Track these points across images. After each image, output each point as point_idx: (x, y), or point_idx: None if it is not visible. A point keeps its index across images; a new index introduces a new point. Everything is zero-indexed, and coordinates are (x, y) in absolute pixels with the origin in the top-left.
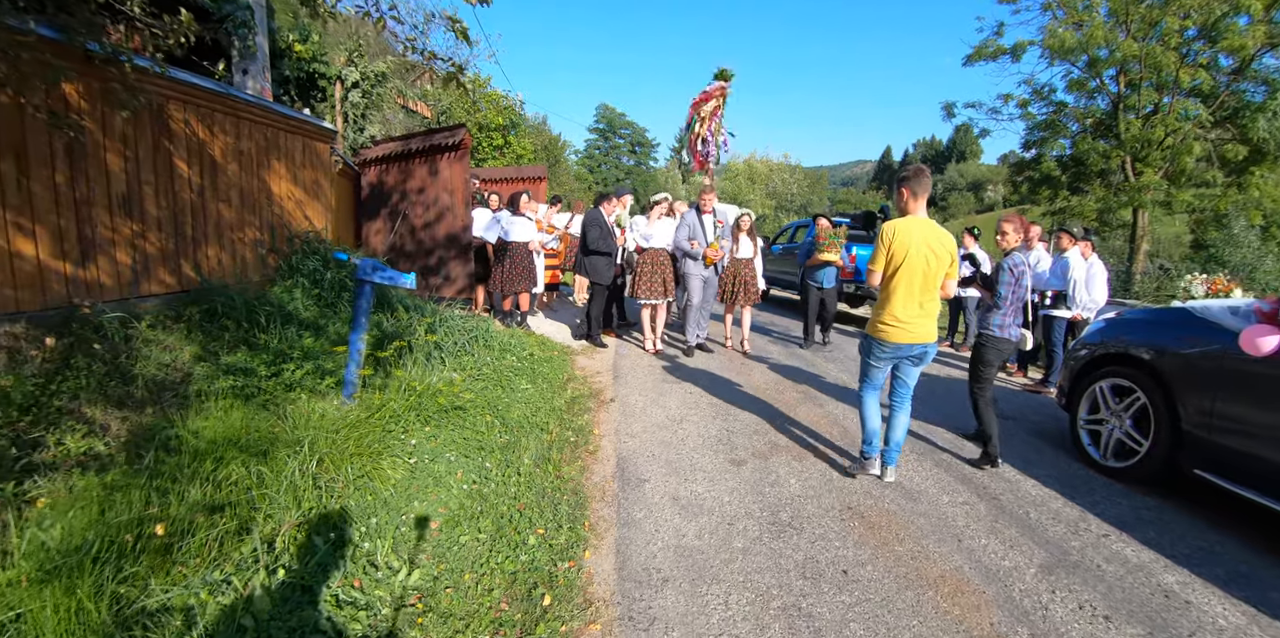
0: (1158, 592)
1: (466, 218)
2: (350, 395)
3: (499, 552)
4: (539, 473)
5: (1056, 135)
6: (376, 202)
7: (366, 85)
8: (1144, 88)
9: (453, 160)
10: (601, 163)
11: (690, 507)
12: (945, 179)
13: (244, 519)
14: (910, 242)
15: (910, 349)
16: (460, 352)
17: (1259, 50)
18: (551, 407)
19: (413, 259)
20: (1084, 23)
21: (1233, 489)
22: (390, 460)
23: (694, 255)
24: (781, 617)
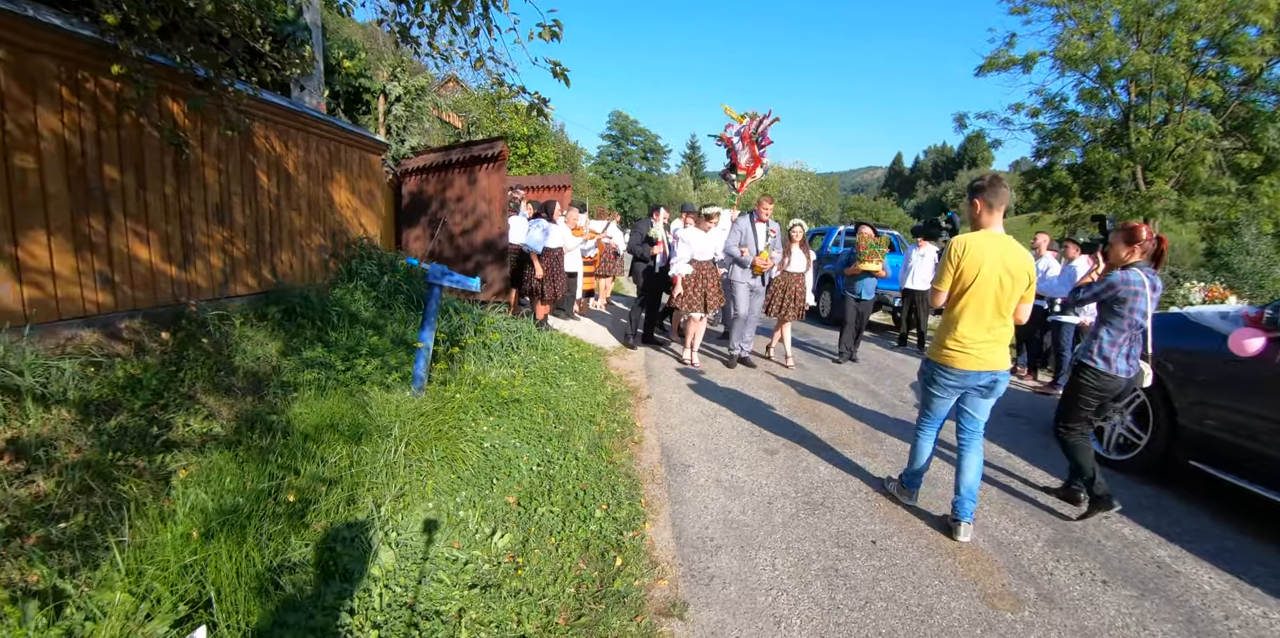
0: (1151, 563)
1: (503, 225)
2: (420, 388)
3: (571, 522)
4: (593, 459)
5: (1068, 144)
6: (416, 209)
7: (408, 99)
8: (1155, 98)
9: (491, 171)
10: (614, 169)
11: (732, 488)
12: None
13: (352, 491)
14: (982, 260)
15: (978, 377)
16: (508, 351)
17: (1270, 61)
18: (595, 402)
19: (451, 264)
20: (1095, 33)
21: (1224, 477)
22: (466, 445)
23: (743, 262)
24: (821, 576)
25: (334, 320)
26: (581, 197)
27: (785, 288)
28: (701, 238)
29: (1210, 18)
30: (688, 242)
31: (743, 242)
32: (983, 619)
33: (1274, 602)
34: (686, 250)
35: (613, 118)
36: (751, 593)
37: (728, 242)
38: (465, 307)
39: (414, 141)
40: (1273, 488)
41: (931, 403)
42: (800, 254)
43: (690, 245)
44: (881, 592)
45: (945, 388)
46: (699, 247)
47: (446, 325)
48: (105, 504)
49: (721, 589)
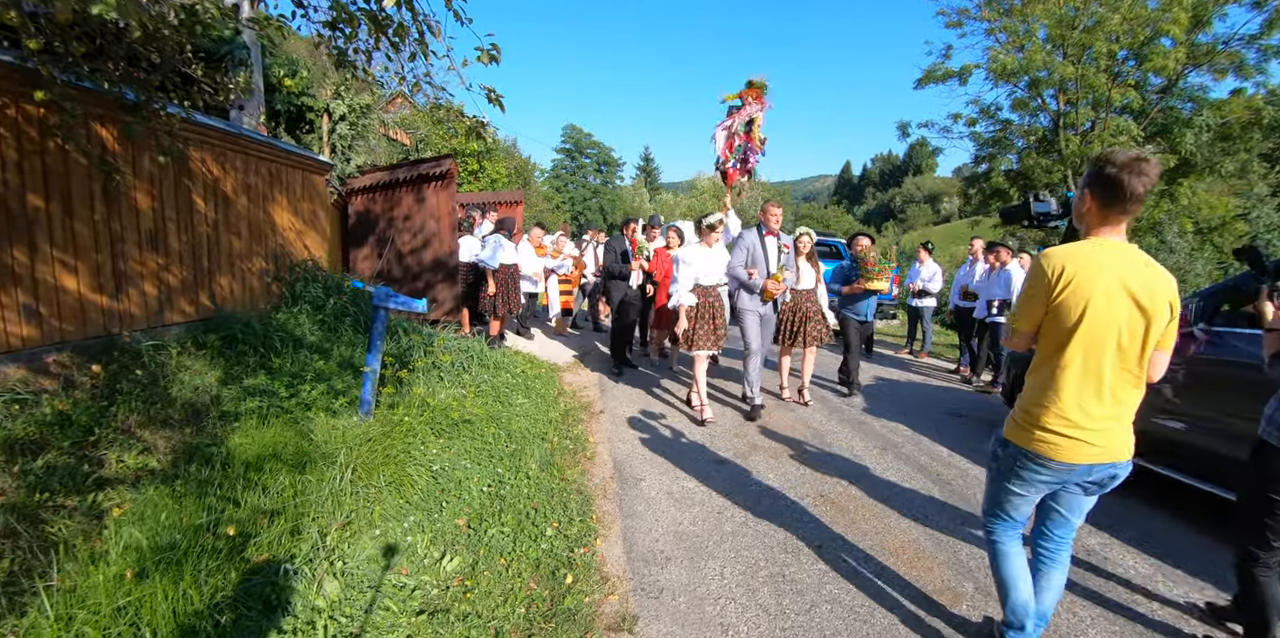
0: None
1: (453, 243)
2: (368, 412)
3: (522, 542)
4: (545, 477)
5: (1004, 151)
6: (364, 229)
7: (353, 117)
8: (1081, 106)
9: (439, 189)
10: (569, 182)
11: (683, 500)
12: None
13: (296, 522)
14: (1093, 286)
15: (1089, 471)
16: (459, 371)
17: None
18: (548, 419)
19: (400, 284)
20: (1024, 46)
21: (1148, 467)
22: (414, 469)
23: (751, 287)
24: (769, 582)
25: (277, 346)
26: (536, 211)
27: (795, 309)
28: (706, 256)
29: (1127, 30)
30: (690, 262)
31: (750, 261)
32: (925, 616)
33: (1193, 582)
34: (690, 273)
35: (566, 131)
36: (700, 603)
37: (731, 261)
38: (415, 327)
39: (360, 160)
40: (1191, 475)
41: (1008, 501)
42: (809, 269)
43: (694, 267)
44: (827, 594)
45: (1033, 484)
46: (705, 267)
47: (396, 347)
48: (32, 548)
49: (671, 601)
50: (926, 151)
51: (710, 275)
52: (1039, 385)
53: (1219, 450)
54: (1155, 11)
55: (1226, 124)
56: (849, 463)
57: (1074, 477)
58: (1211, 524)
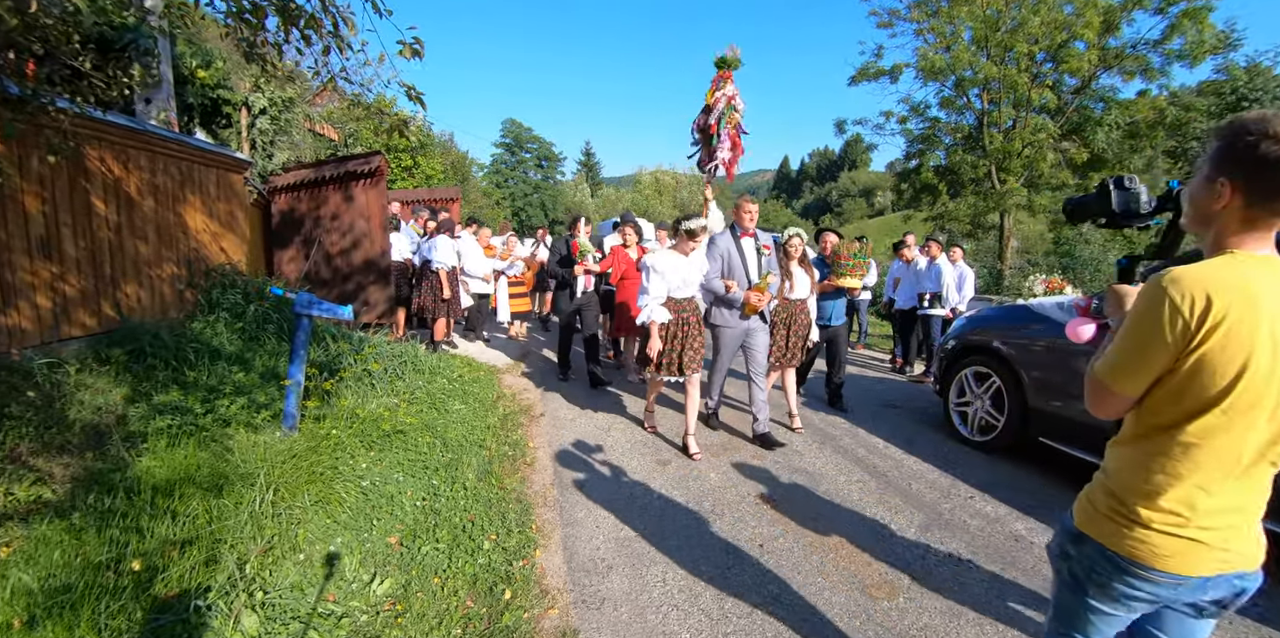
0: (1009, 537)
1: (384, 243)
2: (292, 427)
3: (458, 558)
4: (483, 486)
5: (933, 148)
6: (289, 229)
7: (274, 111)
8: (1003, 105)
9: (368, 186)
10: (509, 178)
11: (626, 504)
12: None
13: (212, 550)
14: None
15: (1205, 588)
16: (393, 377)
17: (1096, 71)
18: (486, 424)
19: (330, 286)
20: (951, 46)
21: (1067, 450)
22: (343, 485)
23: (731, 301)
24: (711, 586)
25: (191, 358)
26: (474, 207)
27: (789, 322)
28: (681, 266)
29: (1045, 33)
30: (662, 271)
31: (726, 269)
32: (862, 610)
33: None
34: (661, 285)
35: (506, 125)
36: (642, 612)
37: (708, 274)
38: (345, 333)
39: (283, 157)
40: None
41: (1086, 622)
42: (802, 275)
43: (665, 277)
44: (768, 594)
45: (1124, 601)
46: (678, 277)
47: (324, 355)
48: None
49: (613, 612)
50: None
51: (684, 287)
52: (1140, 464)
53: None
54: (1070, 16)
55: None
56: (789, 458)
57: (1186, 593)
58: None
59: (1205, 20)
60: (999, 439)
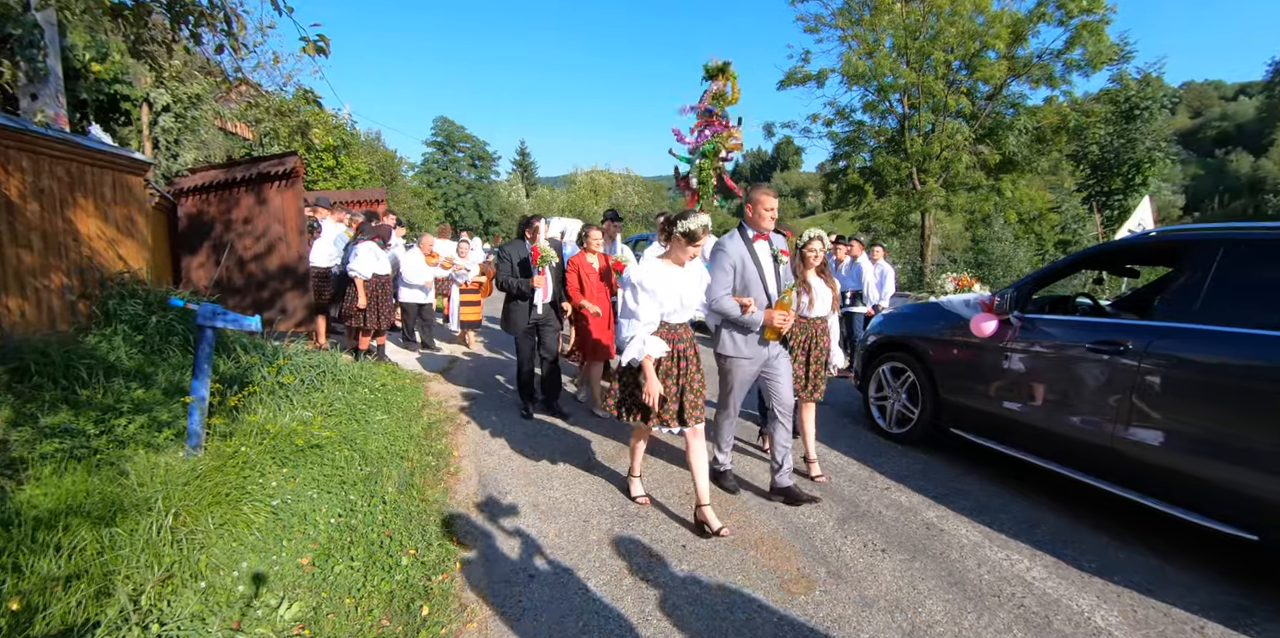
0: (921, 526)
1: (302, 248)
2: (196, 446)
3: (374, 576)
4: (404, 499)
5: (858, 150)
6: (197, 233)
7: (179, 108)
8: (923, 110)
9: (283, 188)
10: (441, 177)
11: (549, 511)
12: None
13: (103, 583)
14: None
15: None
16: (309, 389)
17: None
18: (409, 435)
19: (243, 294)
20: (874, 53)
21: (974, 440)
22: (251, 506)
23: (748, 324)
24: (634, 589)
25: (84, 376)
26: (404, 208)
27: (809, 346)
28: (678, 281)
29: (960, 42)
30: (653, 290)
31: (740, 284)
32: (779, 605)
33: (1015, 544)
34: (653, 308)
35: (437, 123)
36: (563, 620)
37: (711, 288)
38: (257, 344)
39: (190, 157)
40: (1007, 444)
41: None
42: (823, 288)
43: (658, 297)
44: (689, 595)
45: None
46: (673, 296)
47: (233, 367)
48: None
49: (533, 622)
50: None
51: (681, 310)
52: None
53: (1040, 426)
54: (982, 26)
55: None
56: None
57: None
58: (1042, 494)
59: (1102, 33)
60: (914, 431)
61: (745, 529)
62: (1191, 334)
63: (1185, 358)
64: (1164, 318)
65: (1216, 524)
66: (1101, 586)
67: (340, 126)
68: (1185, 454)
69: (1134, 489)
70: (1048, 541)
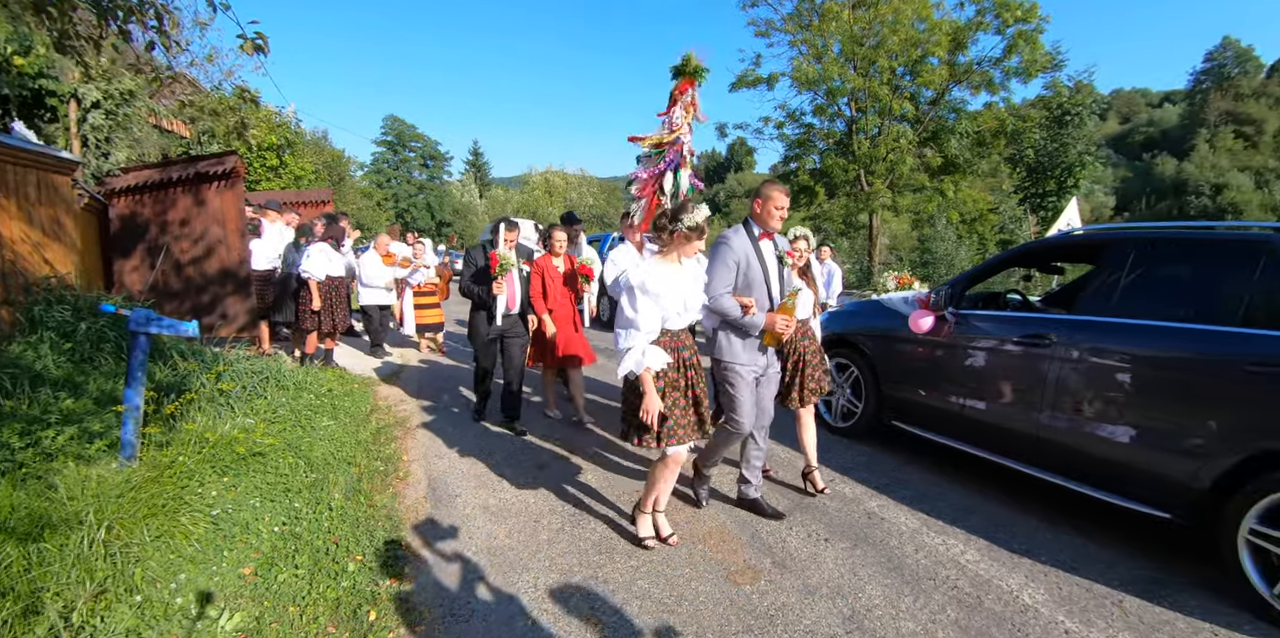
0: (864, 515)
1: (243, 250)
2: (131, 457)
3: (320, 583)
4: (351, 505)
5: (808, 152)
6: (131, 236)
7: (111, 105)
8: (869, 114)
9: (223, 189)
10: (391, 177)
11: (500, 512)
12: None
13: (31, 601)
14: None
15: None
16: (252, 395)
17: (948, 84)
18: (357, 440)
19: (181, 298)
20: (822, 58)
21: (914, 431)
22: (189, 516)
23: (748, 327)
24: (582, 587)
25: (8, 386)
26: (353, 209)
27: (791, 351)
28: (681, 282)
29: (903, 50)
30: (656, 292)
31: (743, 283)
32: (725, 597)
33: (951, 530)
34: (654, 314)
35: (387, 122)
36: (512, 621)
37: (711, 286)
38: (196, 350)
39: (122, 155)
40: (945, 435)
41: None
42: (805, 289)
43: (662, 301)
44: (638, 590)
45: None
46: (677, 299)
47: (172, 374)
48: None
49: (482, 623)
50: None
51: (686, 314)
52: None
53: (974, 417)
54: (923, 33)
55: (980, 132)
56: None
57: None
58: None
59: (1036, 41)
60: (858, 425)
61: (694, 523)
62: (1107, 327)
63: (1101, 349)
64: (1084, 312)
65: (1133, 504)
66: (1030, 566)
67: (284, 125)
68: (1103, 440)
69: (1059, 474)
70: (982, 525)
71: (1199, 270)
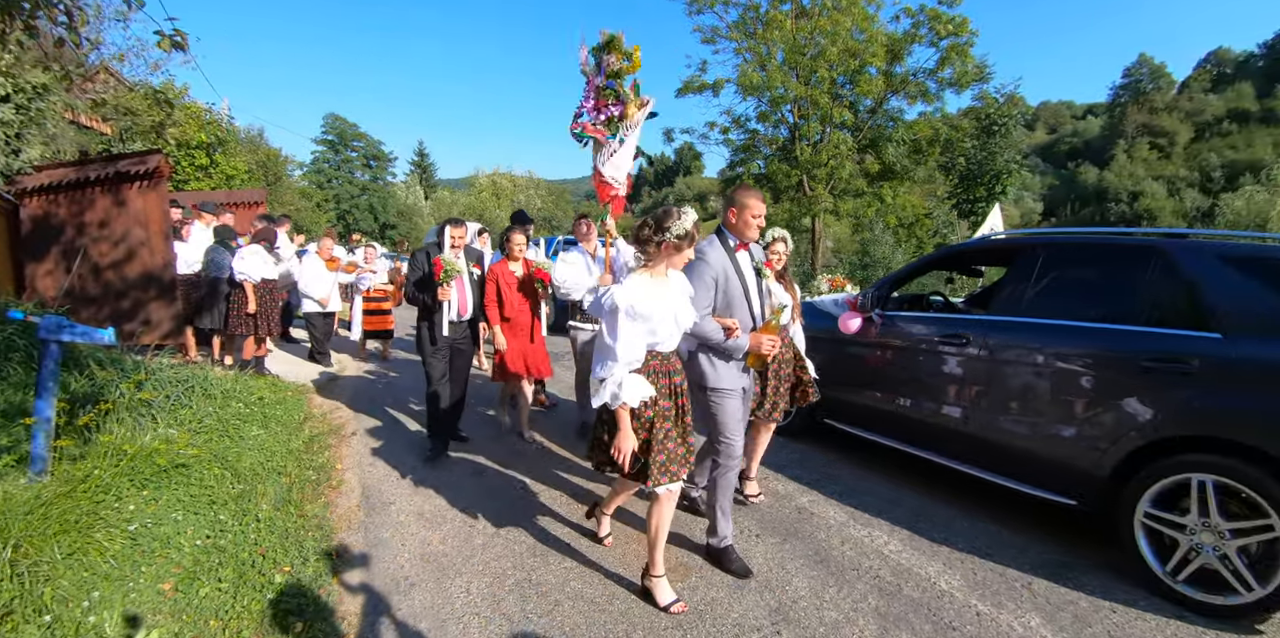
0: (794, 510)
1: (168, 253)
2: (41, 471)
3: (244, 596)
4: (280, 516)
5: (753, 157)
6: (44, 238)
7: (21, 99)
8: (811, 121)
9: (146, 189)
10: (332, 178)
11: (434, 519)
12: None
13: None
14: None
15: None
16: (176, 405)
17: (886, 94)
18: (288, 449)
19: (100, 304)
20: (766, 65)
21: (843, 428)
22: (105, 532)
23: (730, 350)
24: (515, 590)
25: None
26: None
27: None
28: (668, 297)
29: (842, 60)
30: (646, 315)
31: (723, 302)
32: None
33: (877, 522)
34: (639, 339)
35: (328, 121)
36: (443, 625)
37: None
38: (115, 358)
39: (35, 153)
40: (873, 431)
41: None
42: (783, 295)
43: (651, 323)
44: (570, 591)
45: None
46: (666, 320)
47: (89, 383)
48: None
49: (412, 628)
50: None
51: (675, 335)
52: None
53: (899, 413)
54: (861, 43)
55: (916, 140)
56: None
57: None
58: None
59: (968, 54)
60: (793, 424)
61: (629, 525)
62: (1018, 326)
63: (1012, 347)
64: (998, 313)
65: (1042, 492)
66: (948, 553)
67: (214, 122)
68: (1015, 432)
69: (977, 466)
70: (905, 517)
71: (1099, 273)
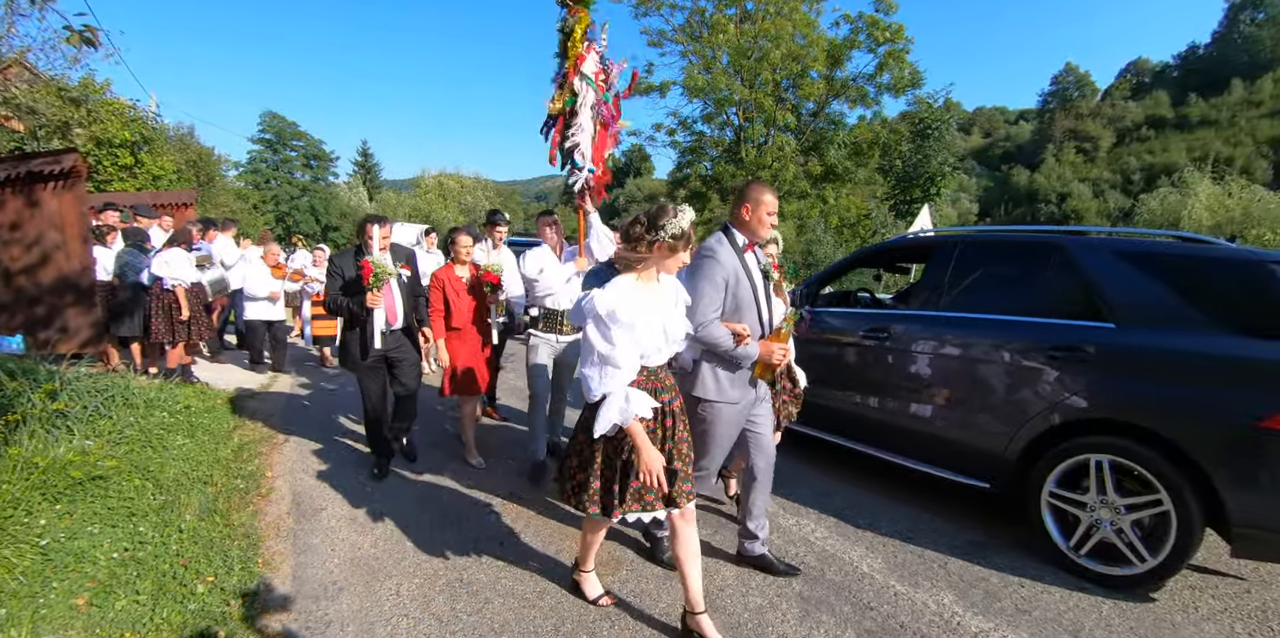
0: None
1: (86, 257)
2: None
3: (164, 607)
4: (205, 526)
5: (700, 159)
6: None
7: None
8: (756, 124)
9: (61, 190)
10: (270, 178)
11: (365, 524)
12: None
13: None
14: None
15: None
16: (94, 416)
17: (827, 98)
18: (215, 458)
19: (11, 311)
20: (712, 68)
21: (802, 430)
22: (14, 548)
23: (739, 357)
24: (445, 590)
25: None
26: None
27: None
28: (658, 305)
29: (784, 64)
30: (631, 323)
31: (732, 307)
32: None
33: (806, 512)
34: (630, 350)
35: (265, 119)
36: (371, 627)
37: (697, 311)
38: (27, 368)
39: None
40: (807, 425)
41: None
42: (776, 301)
43: (637, 331)
44: (501, 589)
45: None
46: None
47: None
48: None
49: (339, 632)
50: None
51: (668, 346)
52: None
53: (830, 406)
54: (803, 48)
55: (857, 143)
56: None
57: None
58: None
59: (904, 60)
60: None
61: (564, 523)
62: (935, 320)
63: (930, 339)
64: (919, 307)
65: (958, 477)
66: (871, 538)
67: (140, 119)
68: (933, 420)
69: (900, 454)
70: (835, 506)
71: (1007, 269)
